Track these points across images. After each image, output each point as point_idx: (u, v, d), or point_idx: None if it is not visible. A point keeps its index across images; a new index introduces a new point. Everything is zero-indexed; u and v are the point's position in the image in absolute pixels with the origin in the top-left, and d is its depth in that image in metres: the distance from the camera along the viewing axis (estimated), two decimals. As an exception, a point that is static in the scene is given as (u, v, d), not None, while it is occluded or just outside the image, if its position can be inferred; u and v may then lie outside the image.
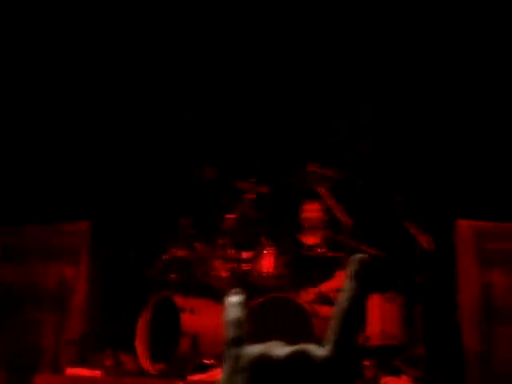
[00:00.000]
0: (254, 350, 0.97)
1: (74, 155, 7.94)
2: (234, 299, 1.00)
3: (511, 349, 4.53)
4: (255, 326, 5.86)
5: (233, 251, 6.37)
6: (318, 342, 4.15)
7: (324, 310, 6.27)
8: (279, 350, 0.96)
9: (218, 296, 6.48)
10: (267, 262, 6.29)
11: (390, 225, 6.87)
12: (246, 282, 6.35)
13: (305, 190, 6.73)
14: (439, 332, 6.29)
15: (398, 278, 6.66)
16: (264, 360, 0.95)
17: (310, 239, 6.81)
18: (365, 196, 7.58)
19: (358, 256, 0.96)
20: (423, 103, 7.64)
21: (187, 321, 6.03)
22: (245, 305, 1.00)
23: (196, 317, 6.12)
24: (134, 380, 5.85)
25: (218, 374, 3.98)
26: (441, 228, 6.25)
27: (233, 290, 1.01)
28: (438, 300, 6.39)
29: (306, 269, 6.60)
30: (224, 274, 6.31)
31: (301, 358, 0.94)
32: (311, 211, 6.78)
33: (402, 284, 6.51)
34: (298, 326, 5.74)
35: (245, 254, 6.34)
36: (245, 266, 6.31)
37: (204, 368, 5.87)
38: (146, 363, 6.09)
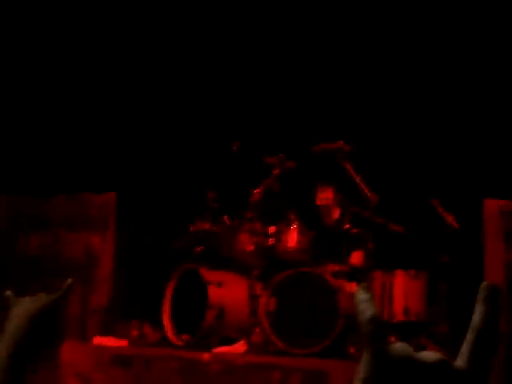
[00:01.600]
0: (399, 349, 1.00)
1: (102, 126, 7.99)
2: (364, 295, 1.02)
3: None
4: (281, 300, 5.90)
5: (259, 225, 6.40)
6: (344, 316, 4.15)
7: (349, 286, 6.31)
8: (423, 354, 1.00)
9: (243, 270, 6.52)
10: (292, 237, 6.31)
11: (416, 202, 6.87)
12: (271, 257, 6.38)
13: (331, 168, 6.73)
14: (463, 310, 6.29)
15: (422, 256, 6.67)
16: (410, 361, 0.98)
17: (327, 220, 6.83)
18: (390, 173, 7.58)
19: (487, 283, 1.04)
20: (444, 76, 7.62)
21: (213, 293, 6.07)
22: (374, 301, 1.04)
23: (222, 290, 6.16)
24: (159, 351, 5.90)
25: (242, 346, 4.02)
26: (468, 206, 6.24)
27: (361, 286, 1.03)
28: (463, 278, 6.40)
29: (331, 244, 6.62)
30: (250, 247, 6.34)
31: (444, 366, 0.99)
32: (324, 199, 6.79)
33: (426, 261, 6.52)
34: (323, 301, 5.77)
35: (271, 229, 6.36)
36: (270, 241, 6.33)
37: (229, 341, 5.91)
38: (171, 334, 6.15)
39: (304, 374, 5.00)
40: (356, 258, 6.63)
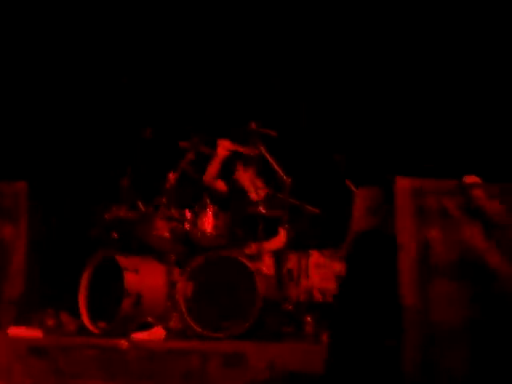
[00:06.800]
0: None
1: (11, 114, 7.86)
2: None
3: (448, 303, 4.65)
4: (198, 285, 5.91)
5: (174, 210, 6.37)
6: (262, 298, 4.18)
7: (266, 267, 6.36)
8: None
9: (160, 256, 6.48)
10: (208, 221, 6.31)
11: (330, 182, 6.94)
12: (188, 242, 6.37)
13: (245, 150, 6.74)
14: (378, 287, 6.40)
15: (337, 235, 6.75)
16: None
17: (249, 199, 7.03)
18: (304, 154, 7.64)
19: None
20: (363, 61, 7.71)
21: (130, 280, 6.03)
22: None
23: (139, 276, 6.12)
24: (75, 339, 5.84)
25: (161, 332, 4.02)
26: (380, 185, 6.33)
27: None
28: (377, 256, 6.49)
29: (248, 227, 6.65)
30: (166, 233, 6.31)
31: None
32: (243, 174, 6.99)
33: (341, 241, 6.59)
34: (241, 284, 5.79)
35: (187, 214, 6.34)
36: (187, 226, 6.31)
37: (147, 327, 5.89)
38: (88, 322, 6.10)
39: (223, 358, 5.02)
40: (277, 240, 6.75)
